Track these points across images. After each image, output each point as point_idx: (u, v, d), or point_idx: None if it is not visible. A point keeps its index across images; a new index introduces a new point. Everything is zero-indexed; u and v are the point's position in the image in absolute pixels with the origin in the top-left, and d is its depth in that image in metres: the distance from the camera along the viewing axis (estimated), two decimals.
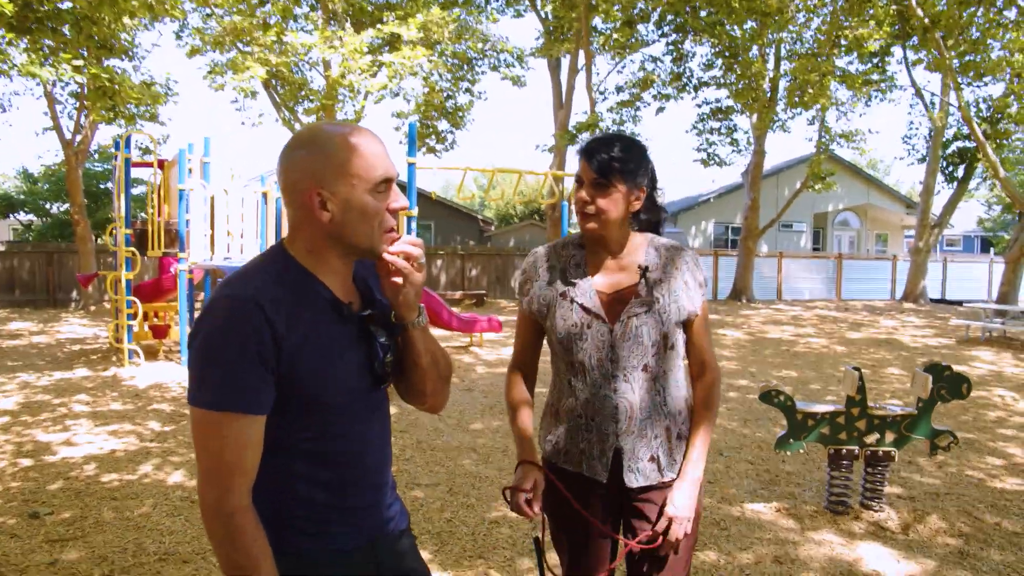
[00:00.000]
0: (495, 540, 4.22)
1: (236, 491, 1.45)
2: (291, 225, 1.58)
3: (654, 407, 2.15)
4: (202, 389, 1.44)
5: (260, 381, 1.45)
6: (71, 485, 5.07)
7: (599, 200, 2.08)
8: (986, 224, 46.35)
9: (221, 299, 1.46)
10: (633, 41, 21.03)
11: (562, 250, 2.26)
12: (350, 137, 1.52)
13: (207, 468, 1.45)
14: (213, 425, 1.43)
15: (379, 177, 1.52)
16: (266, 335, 1.44)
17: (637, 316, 2.11)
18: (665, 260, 2.17)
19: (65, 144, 18.55)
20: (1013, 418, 7.55)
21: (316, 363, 1.51)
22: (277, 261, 1.56)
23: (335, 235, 1.53)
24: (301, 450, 1.56)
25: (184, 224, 10.21)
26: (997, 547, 4.23)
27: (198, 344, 1.45)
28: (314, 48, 16.65)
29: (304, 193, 1.51)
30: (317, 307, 1.54)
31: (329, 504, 1.59)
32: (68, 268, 19.68)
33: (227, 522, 1.44)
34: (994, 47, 17.41)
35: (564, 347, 2.17)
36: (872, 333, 15.24)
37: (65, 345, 12.19)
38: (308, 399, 1.52)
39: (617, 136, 2.14)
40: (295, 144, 1.54)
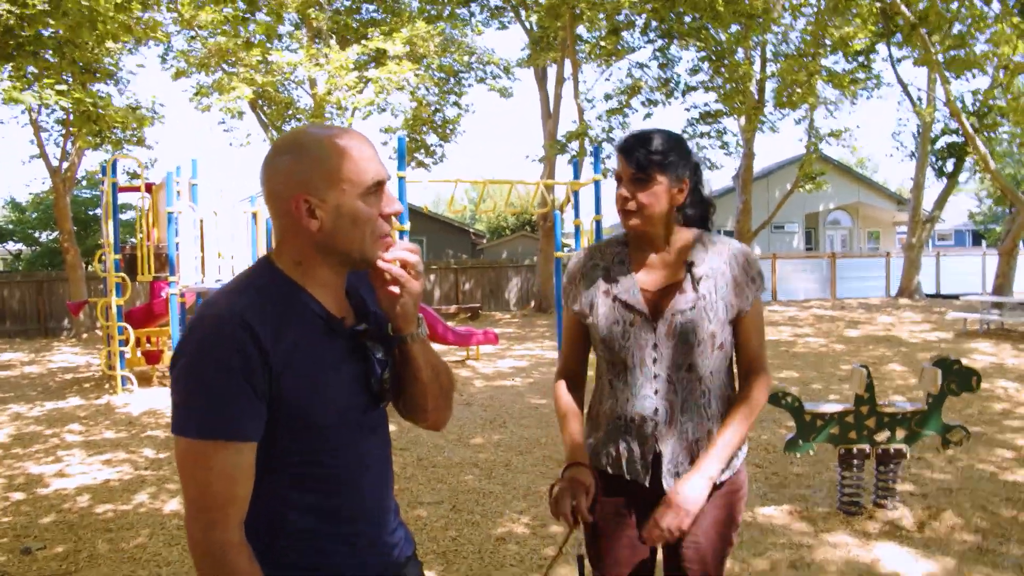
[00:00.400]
0: (502, 557, 4.11)
1: (227, 524, 1.34)
2: (277, 236, 1.47)
3: (697, 409, 2.06)
4: (186, 417, 1.34)
5: (249, 405, 1.34)
6: (64, 518, 4.94)
7: (640, 196, 2.00)
8: (977, 217, 46.48)
9: (204, 318, 1.36)
10: (619, 48, 21.02)
11: (605, 248, 2.19)
12: (337, 139, 1.41)
13: (194, 501, 1.34)
14: (200, 455, 1.33)
15: (370, 181, 1.41)
16: (254, 355, 1.33)
17: (682, 313, 2.02)
18: (713, 256, 2.07)
19: (52, 171, 18.42)
20: (1019, 409, 7.47)
21: (307, 383, 1.40)
22: (263, 276, 1.45)
23: (325, 245, 1.42)
24: (293, 476, 1.44)
25: (174, 247, 10.09)
26: (1017, 541, 4.13)
27: (180, 368, 1.35)
28: (299, 66, 16.60)
29: (289, 201, 1.39)
30: (307, 323, 1.43)
31: (325, 534, 1.47)
32: (59, 296, 19.50)
33: (217, 560, 1.33)
34: (978, 41, 17.44)
35: (607, 346, 2.09)
36: (870, 330, 15.17)
37: (57, 374, 12.04)
38: (299, 421, 1.41)
39: (654, 130, 2.05)
40: (278, 149, 1.44)
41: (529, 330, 17.77)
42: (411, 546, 1.67)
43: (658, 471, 2.06)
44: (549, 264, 21.62)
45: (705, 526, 2.08)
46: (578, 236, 10.82)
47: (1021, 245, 19.87)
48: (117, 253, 10.15)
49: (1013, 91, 16.53)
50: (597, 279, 2.13)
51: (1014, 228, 18.79)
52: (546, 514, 4.74)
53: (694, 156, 2.08)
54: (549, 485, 2.10)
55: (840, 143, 22.10)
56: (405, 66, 16.30)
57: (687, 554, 2.10)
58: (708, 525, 2.08)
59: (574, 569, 3.89)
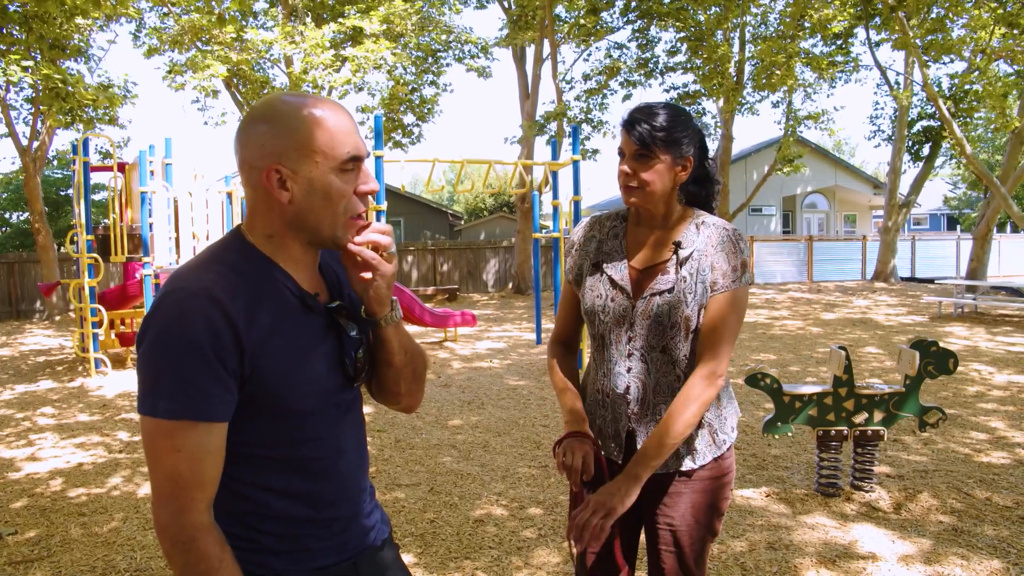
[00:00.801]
0: (481, 539, 4.09)
1: (194, 508, 1.28)
2: (249, 208, 1.40)
3: (671, 392, 2.03)
4: (152, 396, 1.26)
5: (218, 384, 1.27)
6: (36, 502, 4.86)
7: (641, 172, 1.97)
8: (952, 202, 46.98)
9: (171, 293, 1.29)
10: (598, 28, 20.91)
11: (606, 221, 2.17)
12: (313, 109, 1.34)
13: (161, 485, 1.28)
14: (166, 436, 1.26)
15: (346, 155, 1.34)
16: (224, 332, 1.27)
17: (660, 295, 1.99)
18: (703, 238, 2.02)
19: (22, 151, 18.05)
20: (992, 392, 7.55)
21: (282, 362, 1.34)
22: (234, 249, 1.39)
23: (295, 219, 1.36)
24: (268, 459, 1.39)
25: (147, 228, 9.94)
26: (990, 522, 4.17)
27: (147, 345, 1.27)
28: (275, 44, 16.34)
29: (262, 171, 1.33)
30: (280, 299, 1.37)
31: (302, 518, 1.43)
32: (30, 278, 19.19)
33: (187, 546, 1.27)
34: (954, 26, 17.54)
35: (589, 319, 2.10)
36: (846, 313, 15.30)
37: (29, 357, 11.85)
38: (274, 402, 1.35)
39: (660, 104, 2.00)
40: (252, 117, 1.37)
41: (507, 311, 17.75)
42: (387, 528, 1.64)
43: (632, 451, 2.04)
44: (527, 245, 21.60)
45: (682, 510, 2.05)
46: (556, 217, 10.79)
47: (995, 230, 20.12)
48: (89, 234, 9.96)
49: (989, 76, 16.63)
50: (591, 251, 2.13)
51: (988, 213, 19.02)
52: (524, 496, 4.73)
53: (700, 132, 2.04)
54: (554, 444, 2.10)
55: (818, 126, 22.18)
56: (382, 45, 16.10)
57: (662, 536, 2.08)
58: (685, 509, 2.05)
59: (553, 551, 3.89)
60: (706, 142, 2.08)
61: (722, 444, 2.08)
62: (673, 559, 2.07)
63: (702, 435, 2.06)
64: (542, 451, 5.75)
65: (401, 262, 23.01)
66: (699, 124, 2.04)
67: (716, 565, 3.71)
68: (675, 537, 2.06)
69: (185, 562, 1.28)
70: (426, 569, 3.73)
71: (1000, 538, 3.96)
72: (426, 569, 3.73)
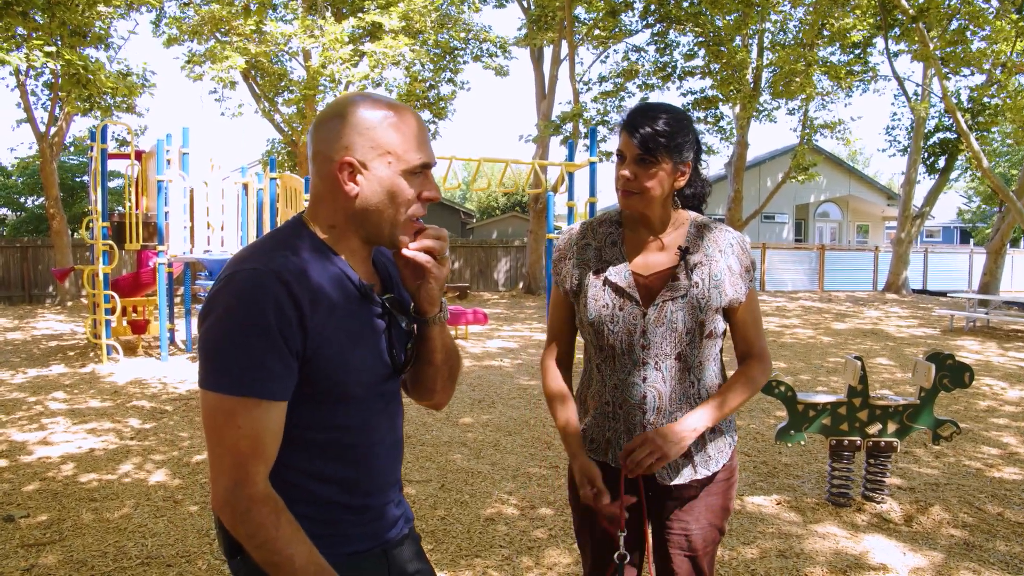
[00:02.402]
0: (491, 538, 4.09)
1: (250, 481, 1.30)
2: (314, 198, 1.45)
3: (686, 398, 2.00)
4: (217, 372, 1.29)
5: (282, 364, 1.30)
6: (48, 486, 4.88)
7: (642, 177, 1.92)
8: (965, 215, 46.72)
9: (241, 272, 1.31)
10: (616, 31, 20.91)
11: (598, 227, 2.11)
12: (394, 112, 1.40)
13: (220, 459, 1.30)
14: (228, 412, 1.28)
15: (418, 161, 1.41)
16: (291, 313, 1.30)
17: (673, 301, 1.96)
18: (708, 242, 2.01)
19: (39, 136, 18.16)
20: (1004, 407, 7.51)
21: (340, 347, 1.38)
22: (297, 235, 1.42)
23: (358, 214, 1.41)
24: (314, 443, 1.42)
25: (162, 216, 9.98)
26: (1002, 538, 4.15)
27: (213, 321, 1.29)
28: (294, 37, 16.39)
29: (334, 163, 1.38)
30: (341, 286, 1.40)
31: (341, 504, 1.46)
32: (44, 263, 19.31)
33: (244, 517, 1.30)
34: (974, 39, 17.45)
35: (594, 330, 2.02)
36: (857, 324, 15.25)
37: (41, 342, 11.92)
38: (327, 386, 1.38)
39: (661, 107, 1.95)
40: (332, 111, 1.41)
41: (518, 311, 17.75)
42: (411, 521, 1.67)
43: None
44: (540, 245, 21.60)
45: (697, 514, 2.04)
46: (571, 218, 10.78)
47: (1009, 245, 20.00)
48: (105, 221, 10.01)
49: (1009, 90, 16.53)
50: (588, 259, 2.07)
51: (1003, 227, 18.90)
52: (535, 496, 4.73)
53: (698, 136, 2.01)
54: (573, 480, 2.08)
55: (834, 135, 22.12)
56: (401, 41, 16.14)
57: (677, 540, 2.07)
58: (700, 513, 2.05)
59: (564, 551, 3.89)
60: (701, 145, 2.05)
61: (731, 446, 2.10)
62: (688, 563, 2.07)
63: (716, 441, 2.05)
64: (552, 451, 5.75)
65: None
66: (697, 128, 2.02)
67: (727, 571, 3.70)
68: (690, 541, 2.06)
69: (245, 533, 1.30)
70: (437, 566, 3.73)
71: (1012, 554, 3.94)
72: (437, 566, 3.73)
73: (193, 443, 5.91)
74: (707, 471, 2.03)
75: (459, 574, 3.65)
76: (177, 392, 7.90)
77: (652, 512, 2.10)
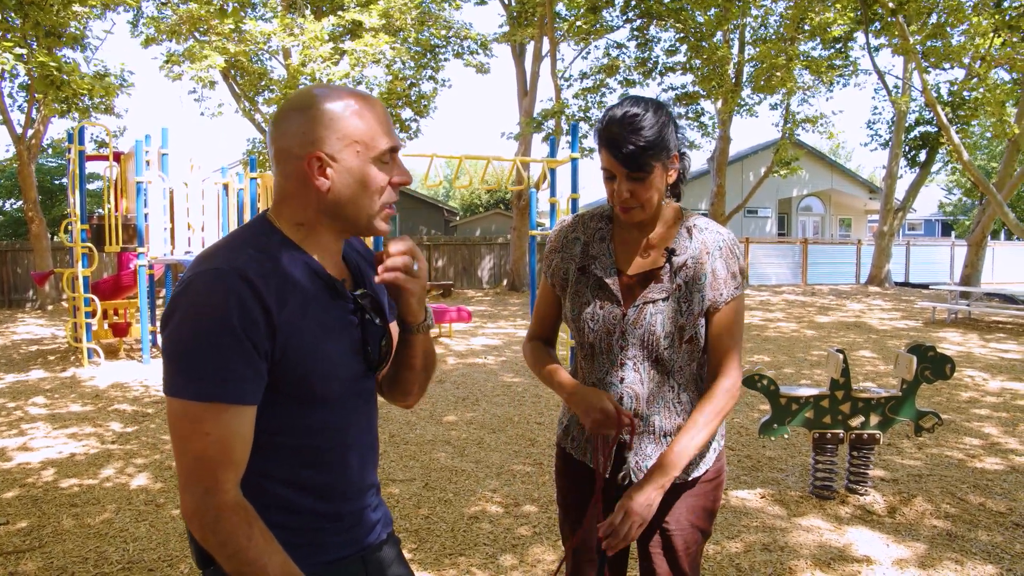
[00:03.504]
0: (475, 536, 4.07)
1: (220, 489, 1.25)
2: (279, 196, 1.40)
3: (665, 403, 1.96)
4: (182, 377, 1.24)
5: (250, 367, 1.26)
6: (28, 492, 4.83)
7: (639, 192, 1.86)
8: (947, 208, 47.10)
9: (202, 273, 1.26)
10: (598, 27, 20.90)
11: (589, 221, 2.06)
12: (355, 100, 1.36)
13: (188, 468, 1.25)
14: (195, 419, 1.24)
15: (385, 146, 1.37)
16: (257, 313, 1.25)
17: (654, 303, 1.91)
18: (697, 244, 1.94)
19: (16, 139, 17.94)
20: (986, 398, 7.57)
21: (310, 346, 1.33)
22: (263, 233, 1.38)
23: (332, 207, 1.37)
24: (287, 448, 1.37)
25: (142, 218, 9.89)
26: (984, 528, 4.18)
27: (176, 324, 1.25)
28: (273, 36, 16.30)
29: (301, 160, 1.34)
30: (309, 283, 1.36)
31: (318, 511, 1.41)
32: (23, 267, 19.10)
33: (213, 527, 1.25)
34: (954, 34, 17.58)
35: (576, 327, 2.00)
36: (840, 317, 15.34)
37: (21, 346, 11.79)
38: (297, 387, 1.34)
39: (637, 112, 1.82)
40: (291, 106, 1.37)
41: (502, 308, 17.73)
42: (390, 524, 1.63)
43: (621, 462, 1.99)
44: (523, 242, 21.60)
45: (678, 514, 2.01)
46: (553, 215, 10.77)
47: (989, 237, 20.17)
48: (84, 223, 9.91)
49: (988, 84, 16.66)
50: (575, 254, 2.03)
51: (984, 219, 19.06)
52: (519, 493, 4.72)
53: (675, 122, 1.90)
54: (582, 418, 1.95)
55: (816, 130, 22.21)
56: (381, 39, 16.08)
57: (658, 540, 2.04)
58: (681, 513, 2.01)
59: (548, 548, 3.88)
60: (678, 127, 1.93)
61: (716, 450, 2.06)
62: (668, 564, 2.04)
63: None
64: (537, 448, 5.74)
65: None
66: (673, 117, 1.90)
67: (711, 566, 3.70)
68: (671, 541, 2.02)
69: (216, 543, 1.25)
70: (421, 565, 3.71)
71: (994, 544, 3.96)
72: (421, 565, 3.71)
73: None
74: (687, 476, 2.00)
75: (443, 573, 3.63)
76: (159, 395, 7.83)
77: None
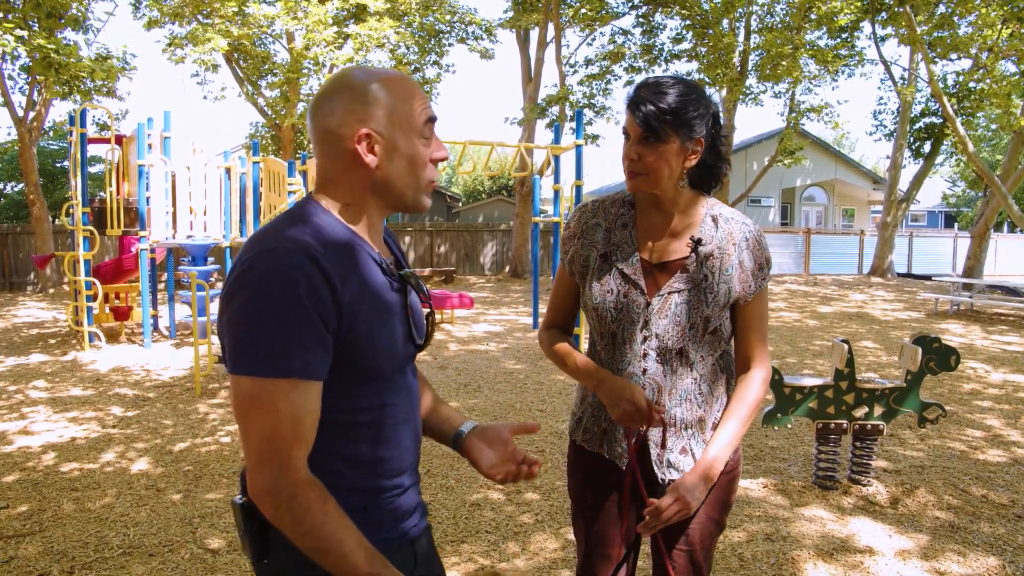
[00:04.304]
0: (477, 523, 4.07)
1: (293, 466, 1.24)
2: (325, 178, 1.40)
3: (687, 395, 1.92)
4: (250, 354, 1.22)
5: (319, 342, 1.25)
6: (28, 476, 4.82)
7: (647, 157, 1.81)
8: (950, 200, 46.98)
9: (265, 252, 1.25)
10: (603, 13, 20.78)
11: (611, 207, 2.01)
12: (397, 79, 1.39)
13: (258, 447, 1.24)
14: (265, 395, 1.22)
15: (425, 119, 1.39)
16: (323, 290, 1.24)
17: (679, 293, 1.88)
18: (723, 234, 1.90)
19: (17, 121, 17.88)
20: (988, 390, 7.55)
21: (372, 323, 1.33)
22: (315, 213, 1.36)
23: (381, 185, 1.38)
24: (343, 425, 1.35)
25: (144, 201, 9.86)
26: (987, 519, 4.16)
27: (241, 304, 1.23)
28: (277, 19, 16.20)
29: (348, 139, 1.34)
30: (366, 264, 1.36)
31: (372, 488, 1.40)
32: (24, 250, 19.08)
33: (289, 504, 1.23)
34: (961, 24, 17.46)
35: (598, 315, 1.95)
36: (843, 307, 15.30)
37: (22, 329, 11.79)
38: (359, 364, 1.33)
39: (669, 80, 1.82)
40: (331, 90, 1.37)
41: (504, 295, 17.71)
42: (427, 512, 1.61)
43: (645, 455, 1.95)
44: (526, 229, 21.55)
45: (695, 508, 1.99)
46: (557, 201, 10.73)
47: (993, 229, 20.11)
48: (85, 206, 9.87)
49: (995, 75, 16.55)
50: (596, 240, 1.98)
51: (987, 211, 18.99)
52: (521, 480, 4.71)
53: (714, 109, 1.86)
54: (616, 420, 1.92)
55: (820, 119, 22.11)
56: (385, 23, 15.98)
57: (674, 534, 2.00)
58: (698, 507, 1.97)
59: (550, 536, 3.87)
60: (720, 118, 1.92)
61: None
62: (685, 556, 2.02)
63: None
64: (539, 436, 5.73)
65: (398, 243, 23.02)
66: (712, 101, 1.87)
67: (715, 555, 3.68)
68: (687, 535, 2.00)
69: (291, 520, 1.24)
70: None
71: (996, 535, 3.95)
72: None
73: (176, 431, 5.85)
74: None
75: (446, 560, 3.62)
76: (160, 379, 7.82)
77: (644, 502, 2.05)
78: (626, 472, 1.96)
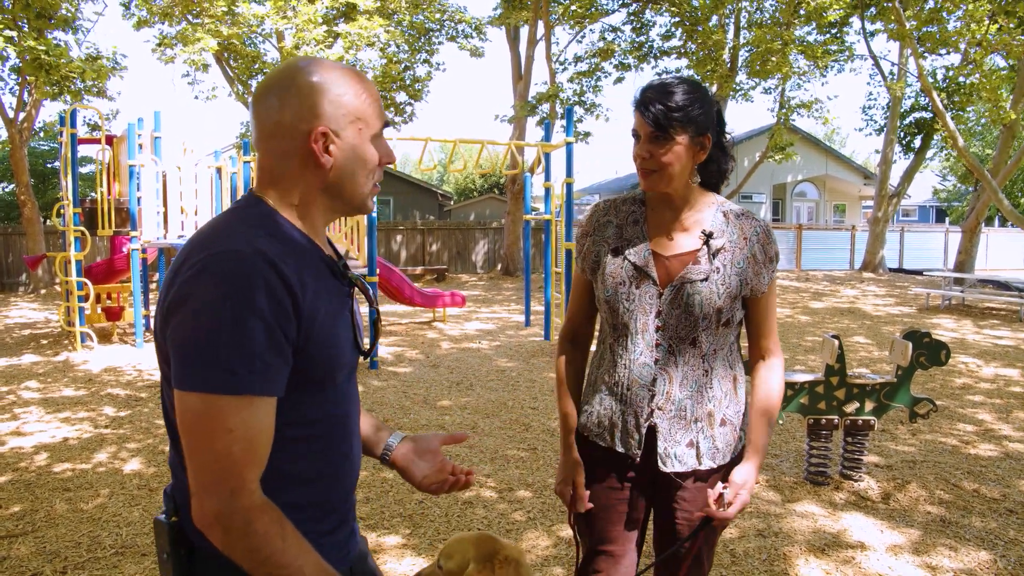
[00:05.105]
0: (469, 521, 4.07)
1: (247, 489, 1.14)
2: (270, 175, 1.29)
3: (698, 387, 1.95)
4: (202, 369, 1.11)
5: (279, 355, 1.15)
6: (21, 477, 4.81)
7: (659, 155, 1.86)
8: (941, 194, 47.13)
9: (220, 254, 1.14)
10: (592, 11, 20.79)
11: (622, 205, 2.06)
12: (354, 76, 1.29)
13: (208, 468, 1.13)
14: (216, 414, 1.11)
15: (381, 124, 1.33)
16: (283, 298, 1.15)
17: (692, 284, 1.91)
18: (734, 229, 1.95)
19: (8, 122, 17.80)
20: (980, 384, 7.59)
21: (327, 331, 1.25)
22: (264, 215, 1.26)
23: (332, 186, 1.29)
24: (292, 440, 1.26)
25: (135, 202, 9.83)
26: (978, 514, 4.19)
27: (192, 312, 1.12)
28: (267, 19, 16.15)
29: (304, 136, 1.24)
30: (318, 267, 1.28)
31: (323, 506, 1.32)
32: (16, 251, 19.00)
33: (244, 530, 1.14)
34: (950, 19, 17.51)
35: (610, 307, 1.98)
36: (834, 303, 15.36)
37: (14, 330, 11.74)
38: (314, 374, 1.25)
39: (674, 80, 1.88)
40: (285, 80, 1.26)
41: (495, 293, 17.72)
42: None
43: (651, 446, 1.97)
44: (517, 227, 21.55)
45: (700, 504, 1.99)
46: (548, 199, 10.74)
47: (983, 224, 20.20)
48: (76, 207, 9.83)
49: (984, 69, 16.61)
50: (608, 236, 2.03)
51: (978, 206, 19.09)
52: (513, 478, 4.72)
53: (718, 107, 1.93)
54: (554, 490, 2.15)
55: (811, 115, 22.16)
56: (375, 22, 15.95)
57: (679, 530, 2.01)
58: (704, 503, 1.98)
59: (542, 533, 3.88)
60: (724, 116, 1.98)
61: (741, 440, 2.04)
62: (692, 551, 2.04)
63: (724, 434, 1.98)
64: (531, 434, 5.74)
65: (390, 242, 22.98)
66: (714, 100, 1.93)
67: None
68: (693, 531, 2.00)
69: (247, 548, 1.15)
70: (415, 551, 3.71)
71: (988, 530, 3.98)
72: (415, 551, 3.71)
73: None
74: (713, 463, 1.98)
75: None
76: (152, 379, 7.80)
77: (656, 499, 2.06)
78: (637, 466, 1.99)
